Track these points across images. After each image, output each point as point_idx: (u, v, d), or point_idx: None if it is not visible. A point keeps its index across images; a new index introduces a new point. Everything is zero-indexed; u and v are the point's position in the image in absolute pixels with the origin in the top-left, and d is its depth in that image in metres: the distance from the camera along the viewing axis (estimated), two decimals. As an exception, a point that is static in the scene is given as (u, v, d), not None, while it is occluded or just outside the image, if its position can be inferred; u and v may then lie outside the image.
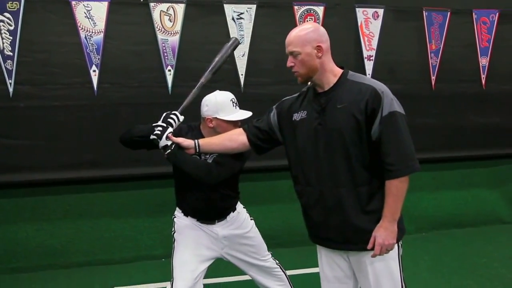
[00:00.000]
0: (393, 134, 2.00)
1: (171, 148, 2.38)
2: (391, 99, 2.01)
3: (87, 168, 3.89)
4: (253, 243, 2.81)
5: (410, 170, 2.01)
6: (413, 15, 4.46)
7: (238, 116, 2.60)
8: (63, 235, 4.02)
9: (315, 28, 2.12)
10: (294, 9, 4.12)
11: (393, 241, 2.05)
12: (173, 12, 3.81)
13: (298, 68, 2.10)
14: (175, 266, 2.64)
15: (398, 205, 2.04)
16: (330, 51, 2.12)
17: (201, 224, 2.70)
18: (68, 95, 3.77)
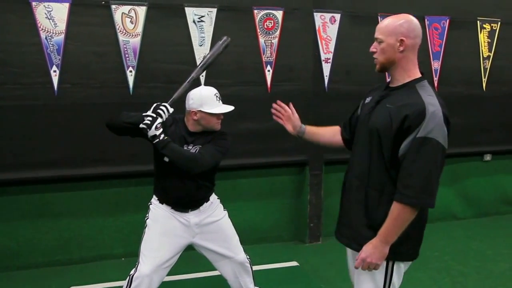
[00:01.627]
0: (419, 159, 1.91)
1: (160, 138, 2.50)
2: (435, 125, 1.90)
3: (45, 168, 3.84)
4: (224, 232, 2.92)
5: (417, 203, 1.92)
6: (369, 21, 4.52)
7: (220, 110, 2.74)
8: (20, 235, 3.96)
9: (407, 22, 2.06)
10: (254, 13, 4.18)
11: (377, 261, 2.00)
12: (135, 14, 3.82)
13: (377, 55, 2.10)
14: (141, 250, 2.74)
15: (395, 230, 1.97)
16: (417, 50, 2.07)
17: (174, 212, 2.80)
18: (28, 95, 3.72)
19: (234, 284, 3.03)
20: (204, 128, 2.76)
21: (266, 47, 4.26)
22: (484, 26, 4.99)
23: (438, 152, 1.91)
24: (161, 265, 2.71)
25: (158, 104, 2.62)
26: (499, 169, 5.49)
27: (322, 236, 4.66)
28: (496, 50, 5.08)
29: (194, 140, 2.74)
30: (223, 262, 2.95)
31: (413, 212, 1.94)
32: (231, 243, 2.94)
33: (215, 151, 2.70)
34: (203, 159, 2.64)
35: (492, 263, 4.13)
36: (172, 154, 2.58)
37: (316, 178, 4.57)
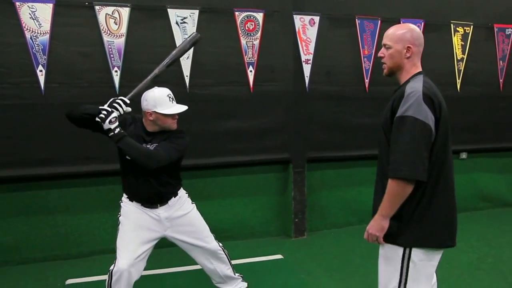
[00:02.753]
0: (398, 136, 2.04)
1: (114, 131, 2.57)
2: (411, 104, 2.03)
3: (41, 166, 3.93)
4: (193, 224, 3.03)
5: (397, 175, 2.02)
6: (347, 23, 4.73)
7: (174, 110, 2.81)
8: (18, 231, 4.05)
9: (412, 31, 2.22)
10: (235, 15, 4.31)
11: (376, 233, 2.13)
12: (118, 15, 3.91)
13: (386, 60, 2.26)
14: (118, 246, 2.83)
15: (390, 205, 2.07)
16: (420, 55, 2.24)
17: (144, 208, 2.88)
18: (15, 94, 3.79)
19: (211, 272, 3.15)
20: (161, 128, 2.84)
21: (247, 48, 4.39)
22: (458, 29, 5.19)
23: (415, 127, 2.01)
24: (136, 258, 2.80)
25: (115, 99, 2.70)
26: (475, 167, 5.68)
27: (307, 230, 4.80)
28: (469, 52, 5.28)
29: (152, 140, 2.82)
30: (195, 251, 3.07)
31: (401, 186, 2.03)
32: (201, 234, 3.05)
33: (170, 148, 2.78)
34: (158, 154, 2.72)
35: (462, 254, 4.26)
36: (127, 148, 2.65)
37: (300, 175, 4.70)
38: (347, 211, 5.10)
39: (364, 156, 4.98)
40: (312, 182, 4.84)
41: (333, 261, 4.18)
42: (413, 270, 2.14)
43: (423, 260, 2.14)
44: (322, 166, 4.93)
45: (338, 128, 4.86)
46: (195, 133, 4.32)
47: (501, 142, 5.67)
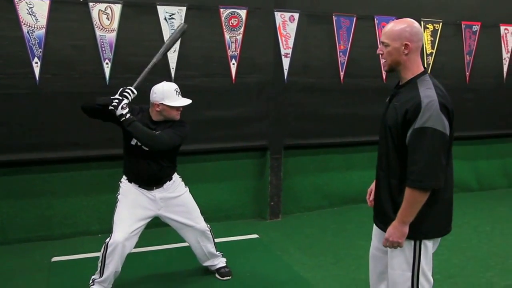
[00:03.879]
0: (418, 148, 2.09)
1: (126, 116, 2.90)
2: (431, 114, 2.06)
3: (29, 151, 4.13)
4: (186, 205, 3.34)
5: (422, 186, 2.10)
6: (324, 19, 4.98)
7: (180, 103, 3.16)
8: (4, 213, 4.24)
9: (410, 27, 2.19)
10: (220, 12, 4.53)
11: (399, 240, 2.19)
12: (111, 11, 4.13)
13: (384, 57, 2.25)
14: (115, 221, 3.14)
15: (410, 211, 2.15)
16: (419, 51, 2.24)
17: (141, 189, 3.20)
18: (11, 84, 3.99)
19: (197, 249, 3.48)
20: (165, 118, 3.18)
21: (231, 42, 4.64)
22: (427, 26, 5.50)
23: (436, 138, 2.07)
24: (131, 233, 3.13)
25: (124, 88, 3.03)
26: None
27: (281, 213, 5.12)
28: (438, 47, 5.59)
29: (156, 128, 3.15)
30: (185, 230, 3.39)
31: (422, 194, 2.12)
32: (192, 214, 3.38)
33: (173, 134, 3.11)
34: (162, 138, 3.06)
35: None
36: (136, 131, 2.97)
37: (276, 161, 5.01)
38: (320, 195, 5.40)
39: (337, 144, 5.32)
40: (288, 167, 5.13)
41: (306, 240, 4.51)
42: (424, 260, 2.28)
43: (430, 249, 2.30)
44: (298, 153, 5.20)
45: (314, 118, 5.13)
46: (180, 121, 4.60)
47: (466, 130, 5.97)
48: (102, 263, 3.11)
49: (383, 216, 2.34)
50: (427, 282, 2.33)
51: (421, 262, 2.28)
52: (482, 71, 5.91)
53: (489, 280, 3.65)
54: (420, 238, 2.25)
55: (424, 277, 2.30)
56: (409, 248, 2.26)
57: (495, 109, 6.11)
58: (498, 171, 6.41)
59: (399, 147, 2.22)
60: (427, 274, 2.31)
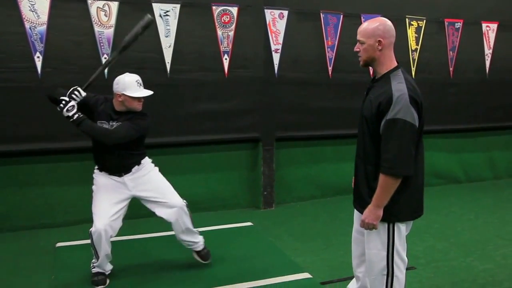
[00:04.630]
0: (390, 138, 2.26)
1: (73, 118, 3.03)
2: (401, 107, 2.22)
3: (33, 142, 4.29)
4: (154, 182, 3.44)
5: (391, 173, 2.27)
6: (313, 17, 5.17)
7: (140, 94, 3.26)
8: (10, 201, 4.39)
9: (383, 25, 2.36)
10: (212, 9, 4.73)
11: (373, 221, 2.35)
12: (108, 8, 4.33)
13: (361, 54, 2.40)
14: (93, 211, 3.30)
15: (384, 196, 2.31)
16: (392, 47, 2.38)
17: (111, 176, 3.35)
18: (15, 77, 4.17)
19: (176, 225, 3.48)
20: (127, 109, 3.28)
21: (223, 38, 4.85)
22: (412, 23, 5.73)
23: (406, 129, 2.24)
24: (111, 217, 3.25)
25: (73, 89, 3.15)
26: (429, 146, 5.94)
27: (274, 203, 5.30)
28: (422, 44, 5.81)
29: (118, 118, 3.27)
30: (161, 207, 3.43)
31: (394, 180, 2.29)
32: (164, 191, 3.45)
33: (130, 128, 3.21)
34: (115, 133, 3.18)
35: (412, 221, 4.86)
36: (86, 130, 3.10)
37: (269, 153, 5.20)
38: (312, 185, 5.57)
39: (327, 136, 5.51)
40: (280, 159, 5.30)
41: (298, 227, 4.67)
42: (397, 240, 2.44)
43: (403, 231, 2.46)
44: (289, 145, 5.37)
45: (304, 111, 5.30)
46: (175, 113, 4.74)
47: (451, 124, 6.21)
48: (93, 249, 3.28)
49: (361, 199, 2.50)
50: (402, 261, 2.49)
51: (395, 243, 2.44)
52: (465, 66, 6.12)
53: (469, 264, 3.83)
54: (393, 221, 2.41)
55: (399, 256, 2.46)
56: (384, 230, 2.43)
57: (479, 103, 6.32)
58: (484, 163, 6.62)
59: (374, 137, 2.38)
60: (401, 254, 2.47)
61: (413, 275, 3.60)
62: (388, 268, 2.47)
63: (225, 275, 3.55)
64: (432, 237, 4.41)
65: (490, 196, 5.88)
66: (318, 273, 3.61)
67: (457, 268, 3.76)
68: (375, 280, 2.53)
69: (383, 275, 2.49)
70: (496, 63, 6.27)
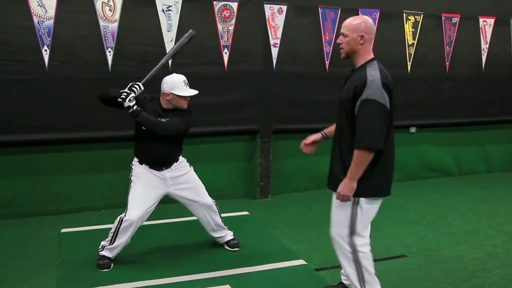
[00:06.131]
0: (363, 115, 2.50)
1: (133, 108, 3.24)
2: (374, 89, 2.46)
3: (38, 132, 4.43)
4: (192, 182, 3.66)
5: (364, 147, 2.52)
6: (311, 11, 5.26)
7: (187, 93, 3.47)
8: (16, 189, 4.54)
9: (366, 22, 2.61)
10: (213, 4, 4.83)
11: (348, 193, 2.59)
12: (113, 3, 4.45)
13: (343, 46, 2.65)
14: (130, 200, 3.45)
15: (358, 169, 2.55)
16: (372, 42, 2.63)
17: (151, 170, 3.52)
18: (23, 70, 4.30)
19: (205, 222, 3.79)
20: (174, 107, 3.49)
21: (223, 33, 4.96)
22: (409, 18, 5.81)
23: (378, 108, 2.49)
24: (146, 210, 3.45)
25: (133, 83, 3.35)
26: (422, 140, 6.33)
27: (271, 193, 5.43)
28: (419, 38, 5.88)
29: (166, 115, 3.48)
30: (194, 205, 3.71)
31: (367, 154, 2.53)
32: (198, 190, 3.70)
33: (179, 122, 3.44)
34: (167, 125, 3.38)
35: (405, 213, 5.00)
36: (143, 120, 3.31)
37: (266, 144, 5.33)
38: (307, 177, 5.69)
39: (322, 128, 5.53)
40: (277, 150, 5.41)
41: (293, 217, 4.82)
42: (360, 214, 2.69)
43: (367, 207, 2.69)
44: (286, 137, 5.47)
45: (301, 104, 5.40)
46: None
47: (446, 118, 6.31)
48: (114, 234, 3.43)
49: (334, 177, 2.72)
50: (363, 237, 2.75)
51: (357, 218, 2.69)
52: (462, 61, 6.20)
53: (460, 253, 3.97)
54: (358, 195, 2.64)
55: (359, 233, 2.72)
56: (349, 204, 2.68)
57: (474, 97, 6.41)
58: (477, 156, 6.74)
59: (350, 118, 2.61)
60: (362, 231, 2.73)
61: (404, 263, 3.75)
62: (351, 244, 2.73)
63: (224, 261, 3.71)
64: (424, 228, 4.55)
65: (483, 188, 5.99)
66: (313, 260, 3.77)
67: (448, 256, 3.89)
68: (342, 256, 2.81)
69: (349, 252, 2.75)
70: (493, 58, 6.34)
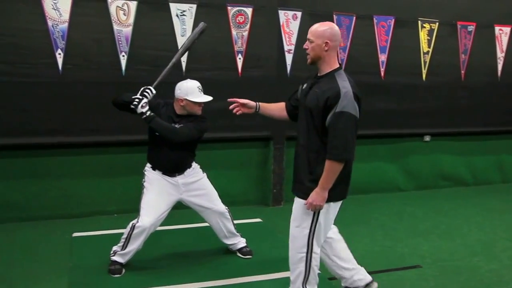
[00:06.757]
0: (338, 127, 2.54)
1: (146, 114, 3.18)
2: (348, 101, 2.53)
3: (52, 135, 4.43)
4: (205, 189, 3.62)
5: (339, 158, 2.57)
6: (325, 18, 4.97)
7: (201, 99, 3.43)
8: (29, 192, 4.54)
9: (331, 29, 2.66)
10: (227, 9, 4.83)
11: (321, 203, 2.63)
12: (127, 7, 4.45)
13: (309, 51, 2.69)
14: (142, 206, 3.41)
15: (330, 179, 2.60)
16: (337, 49, 2.72)
17: (164, 176, 3.48)
18: (37, 73, 4.31)
19: (217, 229, 3.75)
20: (188, 112, 3.45)
21: (237, 38, 4.95)
22: (424, 26, 5.76)
23: (351, 120, 2.57)
24: (158, 216, 3.41)
25: (144, 88, 3.28)
26: (437, 148, 6.26)
27: (283, 200, 5.38)
28: (434, 46, 5.83)
29: (179, 121, 3.44)
30: (206, 212, 3.67)
31: (339, 165, 2.60)
32: (210, 197, 3.66)
33: (192, 128, 3.40)
34: (181, 131, 3.34)
35: (419, 222, 4.94)
36: (156, 126, 3.27)
37: (279, 151, 5.29)
38: None
39: None
40: (290, 157, 5.11)
41: None
42: (322, 220, 2.77)
43: (333, 211, 2.80)
44: None
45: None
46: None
47: (462, 127, 6.23)
48: (126, 240, 3.39)
49: (301, 185, 2.74)
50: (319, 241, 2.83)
51: (320, 222, 2.75)
52: (477, 69, 6.13)
53: (475, 265, 3.89)
54: (329, 201, 2.69)
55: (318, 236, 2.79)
56: None
57: (490, 106, 6.33)
58: (492, 166, 6.64)
59: (318, 127, 2.64)
60: (320, 234, 2.81)
61: (419, 274, 3.69)
62: (308, 245, 2.79)
63: (236, 268, 3.67)
64: (439, 238, 4.48)
65: (498, 198, 5.92)
66: (325, 269, 3.69)
67: (463, 267, 3.82)
68: (295, 255, 2.86)
69: (303, 252, 2.81)
70: (509, 66, 6.27)
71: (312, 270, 2.87)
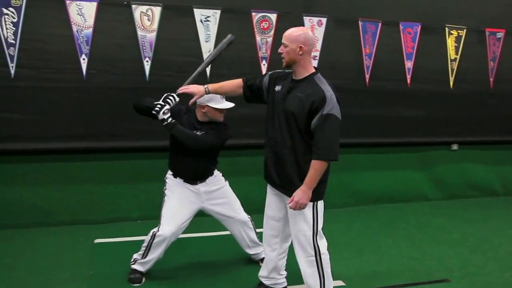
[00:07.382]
0: (324, 129, 2.65)
1: (167, 121, 3.13)
2: (333, 105, 2.65)
3: (76, 140, 4.43)
4: (226, 198, 3.56)
5: (326, 158, 2.70)
6: (351, 24, 5.18)
7: (223, 106, 3.37)
8: (53, 197, 4.54)
9: (305, 33, 2.77)
10: (252, 15, 4.80)
11: (306, 202, 2.74)
12: (151, 13, 4.46)
13: (284, 55, 2.78)
14: (163, 215, 3.35)
15: (316, 178, 2.72)
16: (311, 54, 2.79)
17: (186, 184, 3.43)
18: (61, 78, 4.33)
19: (240, 239, 3.68)
20: (210, 119, 3.39)
21: (262, 44, 4.91)
22: (452, 32, 5.65)
23: (336, 123, 2.68)
24: (180, 225, 3.36)
25: (167, 94, 3.22)
26: (465, 157, 6.12)
27: (307, 209, 5.30)
28: (462, 53, 5.71)
29: (201, 128, 3.38)
30: (228, 221, 3.61)
31: (325, 165, 2.73)
32: (233, 206, 3.60)
33: (214, 136, 3.33)
34: (203, 139, 3.29)
35: (447, 233, 4.79)
36: (178, 133, 3.21)
37: (303, 159, 5.20)
38: (346, 193, 5.55)
39: (363, 143, 5.49)
40: None
41: (332, 234, 4.48)
42: (319, 219, 2.89)
43: (321, 208, 2.91)
44: None
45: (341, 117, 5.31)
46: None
47: (490, 135, 6.08)
48: (147, 248, 3.34)
49: (291, 185, 2.81)
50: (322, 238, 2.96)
51: (318, 221, 2.87)
52: (507, 77, 5.99)
53: (507, 280, 3.74)
54: (317, 199, 2.84)
55: (320, 234, 2.92)
56: (309, 209, 2.83)
57: (520, 114, 6.16)
58: (523, 176, 6.43)
59: (303, 130, 2.73)
60: (321, 232, 2.93)
61: (447, 288, 3.55)
62: (315, 247, 2.88)
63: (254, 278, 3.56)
64: (468, 250, 4.34)
65: (530, 210, 5.71)
66: (351, 282, 3.61)
67: (494, 283, 3.67)
68: (305, 261, 2.92)
69: (312, 255, 2.89)
70: (539, 74, 6.09)
71: (327, 277, 2.96)
